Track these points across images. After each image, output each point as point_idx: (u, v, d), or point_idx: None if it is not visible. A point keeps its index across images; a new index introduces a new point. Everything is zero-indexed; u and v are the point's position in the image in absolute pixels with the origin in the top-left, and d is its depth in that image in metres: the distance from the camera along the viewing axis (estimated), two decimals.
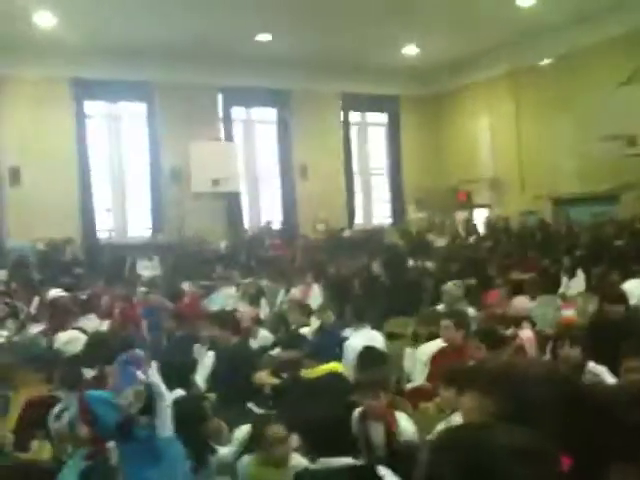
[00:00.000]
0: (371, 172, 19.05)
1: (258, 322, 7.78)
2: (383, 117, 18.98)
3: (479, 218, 17.35)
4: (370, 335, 6.04)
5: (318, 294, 10.01)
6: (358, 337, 5.93)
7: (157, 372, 4.00)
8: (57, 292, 10.00)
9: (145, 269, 12.92)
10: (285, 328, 7.28)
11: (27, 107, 14.12)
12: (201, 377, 5.45)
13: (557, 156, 15.05)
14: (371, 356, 4.86)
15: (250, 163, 17.25)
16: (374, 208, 19.05)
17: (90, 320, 7.84)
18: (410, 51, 15.64)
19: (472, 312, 6.99)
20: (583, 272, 9.27)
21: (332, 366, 4.85)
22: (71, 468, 4.27)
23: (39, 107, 14.21)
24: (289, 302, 8.72)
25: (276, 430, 3.45)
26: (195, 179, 15.49)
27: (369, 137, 19.08)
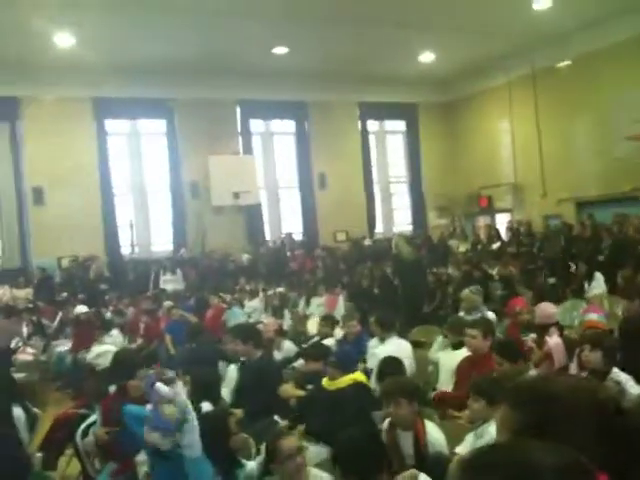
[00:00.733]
0: (390, 180, 19.02)
1: (282, 333, 7.77)
2: (401, 125, 18.98)
3: (501, 223, 17.21)
4: (398, 344, 5.98)
5: (342, 304, 10.03)
6: (386, 346, 5.88)
7: (184, 388, 4.06)
8: (81, 309, 10.10)
9: (168, 283, 12.98)
10: (305, 338, 7.25)
11: (49, 127, 14.33)
12: (226, 391, 5.44)
13: (578, 158, 14.91)
14: (391, 366, 4.82)
15: (269, 175, 17.32)
16: (394, 216, 19.00)
17: (113, 336, 7.88)
18: (427, 58, 15.58)
19: (492, 316, 6.95)
20: (604, 274, 9.13)
21: (355, 376, 4.80)
22: None
23: (61, 127, 14.42)
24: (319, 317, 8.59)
25: (289, 443, 3.40)
26: (215, 193, 15.60)
27: (387, 145, 19.07)
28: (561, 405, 1.34)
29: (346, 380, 4.66)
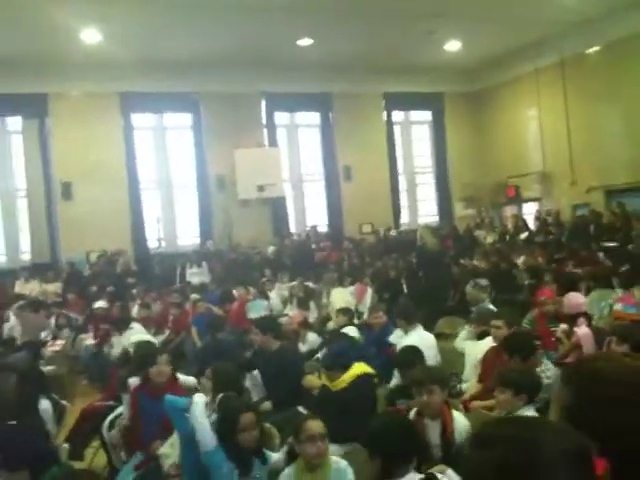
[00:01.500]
0: (416, 171, 18.87)
1: (307, 325, 7.76)
2: (427, 115, 18.81)
3: (529, 213, 16.98)
4: (421, 336, 5.93)
5: (370, 294, 10.05)
6: (409, 338, 5.84)
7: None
8: (101, 303, 10.24)
9: (194, 276, 13.07)
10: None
11: (76, 123, 14.51)
12: (250, 382, 5.45)
13: (608, 145, 14.62)
14: (410, 355, 4.77)
15: (294, 167, 17.31)
16: (420, 207, 18.87)
17: (134, 330, 7.93)
18: (453, 47, 15.34)
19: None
20: (633, 264, 8.92)
21: (356, 370, 4.66)
22: (125, 476, 4.34)
23: (88, 122, 14.59)
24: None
25: (314, 425, 3.40)
26: (241, 186, 15.64)
27: (413, 136, 18.92)
28: (608, 387, 1.35)
29: (348, 377, 4.59)
